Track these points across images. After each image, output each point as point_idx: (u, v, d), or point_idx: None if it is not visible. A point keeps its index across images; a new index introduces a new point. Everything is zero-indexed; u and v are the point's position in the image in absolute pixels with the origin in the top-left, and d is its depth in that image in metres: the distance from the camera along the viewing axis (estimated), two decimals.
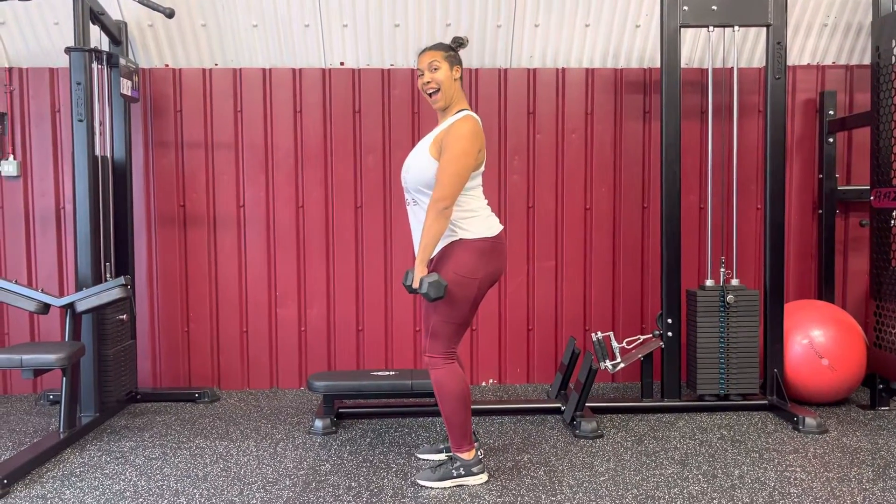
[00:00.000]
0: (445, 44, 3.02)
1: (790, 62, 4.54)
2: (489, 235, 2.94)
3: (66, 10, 4.13)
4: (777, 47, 3.89)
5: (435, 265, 2.95)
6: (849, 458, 3.24)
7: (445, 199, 2.82)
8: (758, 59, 4.52)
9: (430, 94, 2.98)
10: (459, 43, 3.03)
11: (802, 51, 4.55)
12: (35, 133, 4.41)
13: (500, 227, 3.01)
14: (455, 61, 2.98)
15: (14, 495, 2.91)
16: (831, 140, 4.53)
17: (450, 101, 2.98)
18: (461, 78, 3.01)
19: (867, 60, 4.59)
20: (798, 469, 3.13)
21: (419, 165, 2.93)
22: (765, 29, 4.04)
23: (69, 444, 3.49)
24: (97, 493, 2.94)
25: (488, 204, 3.04)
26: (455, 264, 2.89)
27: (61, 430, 3.52)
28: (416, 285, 2.85)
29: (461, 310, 2.92)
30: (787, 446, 3.41)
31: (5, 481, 2.93)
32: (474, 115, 2.96)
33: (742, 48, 4.47)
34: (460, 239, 2.91)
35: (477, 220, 2.93)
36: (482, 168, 2.99)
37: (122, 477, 3.11)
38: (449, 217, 2.85)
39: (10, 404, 4.28)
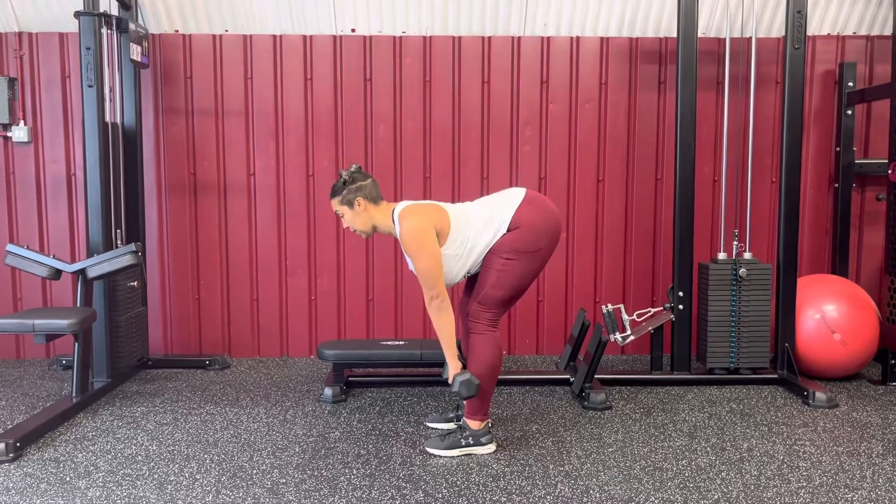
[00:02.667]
0: (335, 187, 3.00)
1: (810, 32, 4.45)
2: (517, 204, 2.92)
3: None
4: (797, 16, 3.81)
5: (491, 254, 2.93)
6: (858, 433, 3.23)
7: (435, 297, 2.87)
8: (777, 29, 4.44)
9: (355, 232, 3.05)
10: (344, 181, 2.97)
11: (823, 20, 4.46)
12: (45, 99, 4.39)
13: (522, 190, 2.99)
14: (351, 199, 2.96)
15: (27, 458, 2.95)
16: (850, 112, 4.45)
17: (371, 230, 3.01)
18: (372, 198, 2.97)
19: (888, 31, 4.49)
20: (807, 443, 3.12)
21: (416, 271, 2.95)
22: None
23: (82, 409, 3.53)
24: (109, 456, 2.97)
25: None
26: (513, 244, 2.89)
27: (74, 394, 3.55)
28: (450, 381, 2.93)
29: (523, 281, 2.94)
30: (797, 420, 3.40)
31: (18, 444, 2.97)
32: (408, 208, 2.93)
33: (761, 17, 4.38)
34: (503, 236, 2.91)
35: (493, 220, 2.92)
36: (451, 218, 2.93)
37: (134, 441, 3.14)
38: (449, 307, 2.90)
39: (24, 369, 4.32)
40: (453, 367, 2.93)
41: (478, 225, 2.94)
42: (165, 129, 4.44)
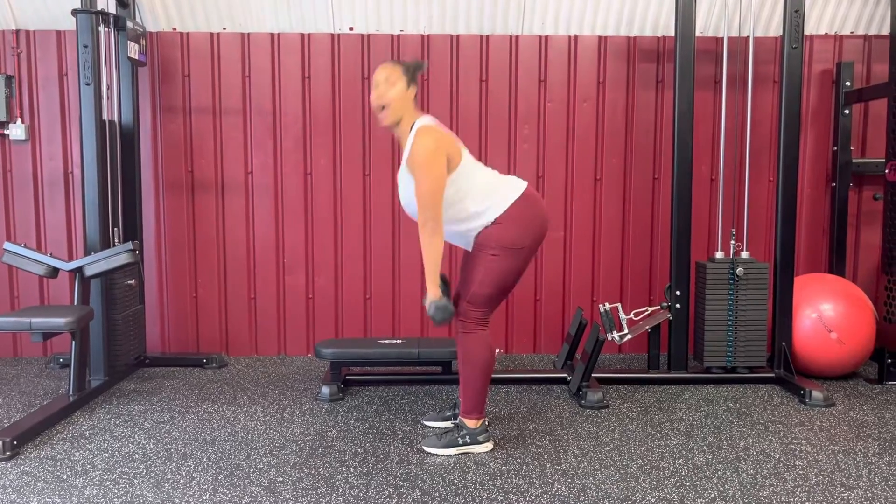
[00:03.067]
0: (406, 63, 2.94)
1: (807, 31, 4.46)
2: (516, 196, 2.90)
3: None
4: (795, 16, 3.81)
5: (476, 249, 2.92)
6: (855, 432, 3.24)
7: (429, 220, 2.80)
8: (774, 28, 4.44)
9: (380, 112, 2.92)
10: (418, 65, 2.95)
11: (820, 19, 4.46)
12: (42, 96, 4.39)
13: (522, 186, 2.96)
14: (410, 81, 2.90)
15: (24, 457, 2.95)
16: (847, 112, 4.45)
17: (398, 118, 2.91)
18: (413, 91, 2.91)
19: (886, 30, 4.50)
20: (804, 442, 3.13)
21: (407, 195, 2.91)
22: None
23: (79, 407, 3.52)
24: (106, 455, 2.97)
25: (496, 172, 2.99)
26: (498, 239, 2.87)
27: (71, 393, 3.55)
28: (427, 306, 2.90)
29: (508, 278, 2.93)
30: (793, 419, 3.40)
31: (15, 443, 2.97)
32: (429, 122, 2.88)
33: (759, 16, 4.39)
34: (494, 220, 2.88)
35: (490, 196, 2.89)
36: (462, 158, 2.89)
37: (131, 440, 3.14)
38: (441, 234, 2.82)
39: (21, 367, 4.32)
40: (432, 293, 2.87)
41: (479, 186, 2.89)
42: (163, 128, 4.44)
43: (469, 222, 2.91)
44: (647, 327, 3.92)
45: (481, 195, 2.89)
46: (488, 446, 3.03)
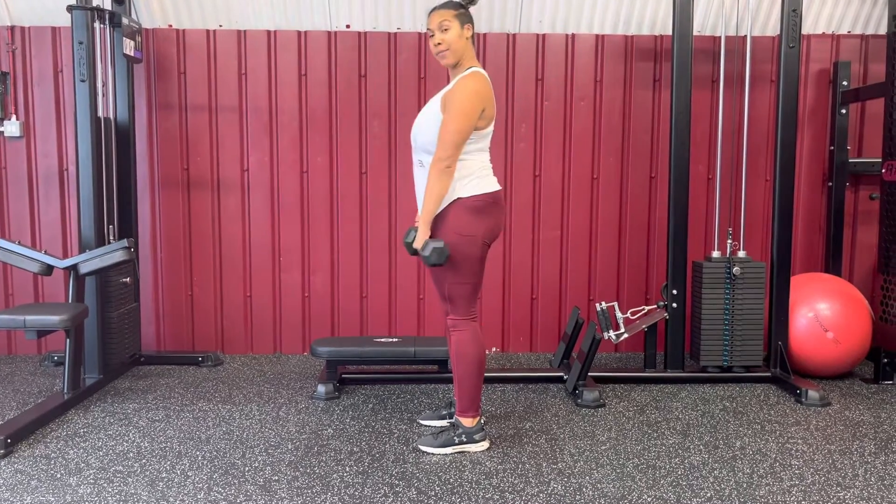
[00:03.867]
0: (456, 1, 2.94)
1: (805, 31, 4.46)
2: (485, 192, 2.90)
3: None
4: (792, 15, 3.81)
5: (433, 227, 2.92)
6: (851, 431, 3.24)
7: (446, 159, 2.79)
8: (772, 28, 4.44)
9: (439, 54, 2.93)
10: (469, 1, 2.96)
11: (818, 19, 4.46)
12: (37, 93, 4.37)
13: (498, 187, 2.97)
14: (465, 20, 2.90)
15: (18, 455, 2.93)
16: (844, 111, 4.46)
17: (459, 59, 2.92)
18: (472, 36, 2.94)
19: (883, 30, 4.50)
20: (800, 441, 3.13)
21: (427, 122, 2.89)
22: None
23: (73, 405, 3.51)
24: (101, 453, 2.96)
25: (493, 169, 2.99)
26: (454, 224, 2.87)
27: (65, 391, 3.53)
28: (417, 246, 2.86)
29: (470, 269, 2.91)
30: (790, 418, 3.40)
31: (9, 441, 2.95)
32: (483, 72, 2.90)
33: (756, 15, 4.38)
34: (457, 199, 2.88)
35: (473, 180, 2.89)
36: (489, 129, 2.92)
37: (126, 438, 3.13)
38: (451, 176, 2.82)
39: (15, 365, 4.30)
40: (424, 232, 2.85)
41: (479, 157, 2.91)
42: (158, 125, 4.42)
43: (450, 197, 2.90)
44: (644, 326, 3.91)
45: (475, 166, 2.90)
46: (484, 445, 3.02)
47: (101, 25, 3.86)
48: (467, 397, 2.98)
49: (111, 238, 3.96)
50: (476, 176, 2.90)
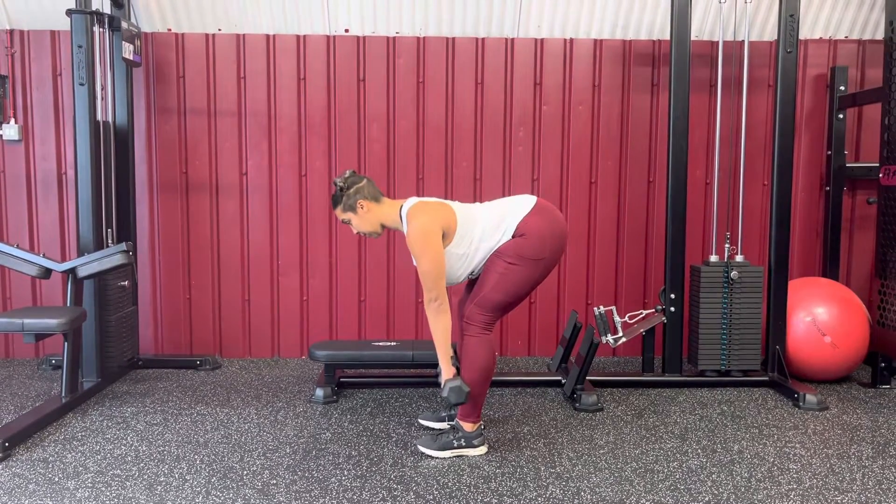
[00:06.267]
0: (334, 196, 3.00)
1: (802, 35, 4.47)
2: (525, 212, 2.92)
3: None
4: (790, 20, 3.82)
5: (494, 256, 2.93)
6: (849, 436, 3.25)
7: (433, 298, 2.86)
8: (769, 33, 4.45)
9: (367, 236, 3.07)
10: (340, 188, 2.98)
11: (815, 24, 4.48)
12: (36, 97, 4.37)
13: (533, 198, 2.99)
14: (353, 203, 2.96)
15: (16, 458, 2.93)
16: (841, 116, 4.47)
17: (380, 228, 3.02)
18: (373, 196, 2.98)
19: (880, 35, 4.52)
20: (797, 445, 3.13)
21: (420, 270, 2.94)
22: (777, 0, 3.97)
23: (71, 409, 3.50)
24: (98, 457, 2.96)
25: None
26: (516, 249, 2.89)
27: (63, 394, 3.53)
28: (441, 385, 2.93)
29: (522, 288, 2.94)
30: (787, 422, 3.41)
31: (7, 444, 2.95)
32: (413, 206, 2.93)
33: (754, 20, 4.40)
34: (512, 236, 2.91)
35: (500, 225, 2.92)
36: (458, 219, 2.93)
37: (124, 442, 3.12)
38: (448, 311, 2.88)
39: (13, 368, 4.29)
40: (446, 372, 2.93)
41: (485, 226, 2.93)
42: (157, 128, 4.42)
43: (492, 251, 2.94)
44: (642, 330, 3.92)
45: (491, 232, 2.93)
46: (483, 449, 3.03)
47: (101, 29, 3.87)
48: (471, 403, 2.98)
49: (109, 242, 3.96)
50: (499, 224, 2.93)
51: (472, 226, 2.94)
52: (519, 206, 2.96)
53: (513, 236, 2.91)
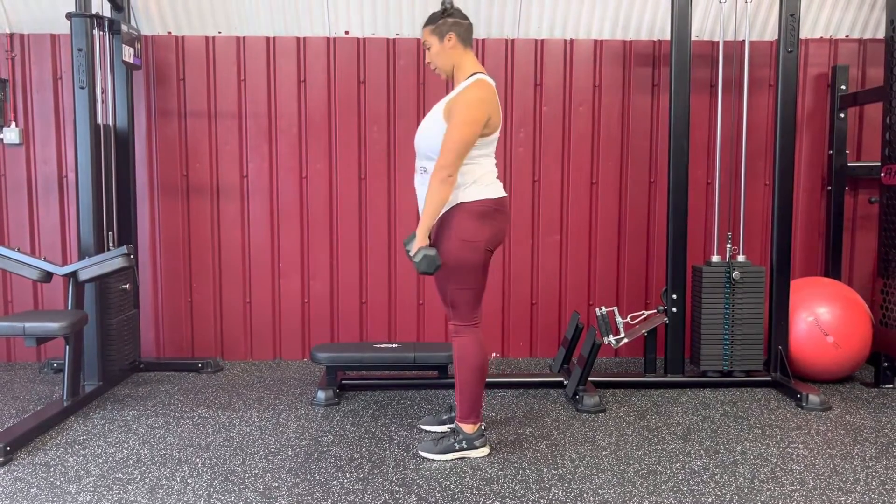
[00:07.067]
0: (433, 15, 2.95)
1: (803, 35, 4.46)
2: (489, 197, 2.90)
3: None
4: (790, 20, 3.82)
5: (437, 231, 2.93)
6: (852, 436, 3.24)
7: (448, 167, 2.78)
8: (770, 32, 4.45)
9: (434, 71, 3.01)
10: (444, 9, 2.94)
11: (816, 24, 4.47)
12: (37, 100, 4.37)
13: (503, 193, 2.97)
14: (444, 31, 2.91)
15: (17, 462, 2.93)
16: (842, 115, 4.46)
17: (450, 70, 2.95)
18: (463, 39, 2.93)
19: (881, 34, 4.51)
20: (800, 445, 3.12)
21: (430, 130, 2.89)
22: (778, 0, 3.97)
23: (72, 413, 3.50)
24: (100, 460, 2.95)
25: (498, 175, 2.99)
26: (457, 230, 2.87)
27: (65, 398, 3.53)
28: (412, 253, 2.86)
29: (472, 274, 2.91)
30: (790, 423, 3.40)
31: (8, 448, 2.94)
32: (487, 78, 2.90)
33: (754, 20, 4.39)
34: (460, 203, 2.88)
35: (477, 185, 2.89)
36: (495, 135, 2.92)
37: (125, 445, 3.12)
38: (453, 185, 2.82)
39: (14, 372, 4.29)
40: (420, 240, 2.84)
41: (485, 163, 2.90)
42: (158, 131, 4.42)
43: (452, 202, 2.90)
44: (644, 331, 3.91)
45: (479, 171, 2.89)
46: (485, 451, 3.02)
47: (101, 32, 3.87)
48: (468, 403, 2.98)
49: (110, 245, 3.96)
50: (481, 182, 2.90)
51: (488, 152, 2.92)
52: (495, 188, 2.92)
53: (467, 201, 2.85)
